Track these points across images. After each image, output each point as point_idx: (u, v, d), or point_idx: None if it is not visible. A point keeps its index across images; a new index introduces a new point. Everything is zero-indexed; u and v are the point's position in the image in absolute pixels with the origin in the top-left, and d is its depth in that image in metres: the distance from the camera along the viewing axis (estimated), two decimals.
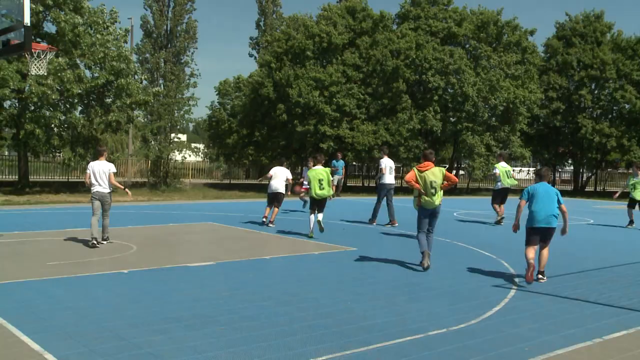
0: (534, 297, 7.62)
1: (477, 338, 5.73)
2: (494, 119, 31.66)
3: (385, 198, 15.66)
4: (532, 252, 8.51)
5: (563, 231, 8.71)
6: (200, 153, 45.99)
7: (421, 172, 9.29)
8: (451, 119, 31.46)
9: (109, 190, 10.98)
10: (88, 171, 10.98)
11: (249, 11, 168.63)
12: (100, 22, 23.79)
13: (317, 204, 12.76)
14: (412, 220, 10.09)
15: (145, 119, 29.16)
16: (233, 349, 5.21)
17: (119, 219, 15.56)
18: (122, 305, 6.63)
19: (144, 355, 5.01)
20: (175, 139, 29.95)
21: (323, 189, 12.48)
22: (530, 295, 7.72)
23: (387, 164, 15.75)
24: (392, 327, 6.02)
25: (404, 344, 5.50)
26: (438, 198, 9.27)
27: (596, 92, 36.79)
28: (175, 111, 29.32)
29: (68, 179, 28.59)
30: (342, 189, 26.99)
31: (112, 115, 23.84)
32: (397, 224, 15.35)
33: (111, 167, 10.94)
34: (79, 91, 22.71)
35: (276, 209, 14.96)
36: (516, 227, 8.92)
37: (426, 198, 9.26)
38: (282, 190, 15.02)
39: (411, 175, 9.41)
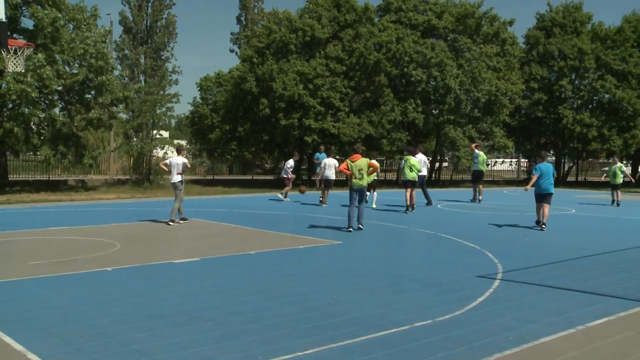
0: (518, 287, 7.69)
1: (462, 328, 5.77)
2: (476, 110, 31.82)
3: (421, 185, 19.11)
4: (540, 209, 13.74)
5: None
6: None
7: (352, 162, 12.92)
8: (433, 111, 31.57)
9: (177, 180, 13.84)
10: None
11: (230, 6, 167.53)
12: (80, 18, 23.49)
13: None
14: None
15: (127, 116, 28.89)
16: (219, 345, 5.20)
17: (103, 216, 15.45)
18: (107, 303, 6.57)
19: (129, 352, 4.98)
20: (157, 136, 29.74)
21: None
22: (515, 285, 7.79)
23: (420, 159, 18.84)
24: (378, 319, 6.04)
25: (389, 335, 5.52)
26: (364, 180, 12.95)
27: (576, 82, 37.10)
28: (157, 108, 29.10)
29: (49, 177, 28.25)
30: None
31: (93, 112, 23.59)
32: (432, 204, 19.26)
33: (185, 161, 14.02)
34: (59, 88, 22.41)
35: (327, 192, 19.06)
36: (527, 189, 14.04)
37: (354, 180, 12.88)
38: (333, 177, 19.27)
39: (344, 165, 13.18)
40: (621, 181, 21.06)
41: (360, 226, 13.05)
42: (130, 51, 41.03)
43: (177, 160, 13.96)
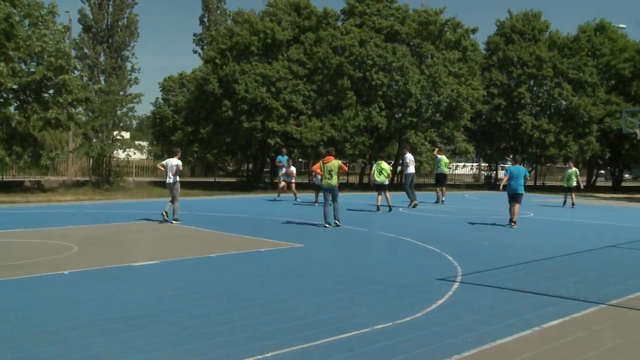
0: (476, 289, 7.81)
1: (422, 331, 5.84)
2: (438, 115, 32.24)
3: (410, 184, 20.33)
4: (512, 208, 15.17)
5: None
6: (144, 150, 45.01)
7: (324, 163, 14.22)
8: (396, 115, 31.85)
9: (171, 181, 14.65)
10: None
11: (193, 7, 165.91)
12: (37, 15, 22.91)
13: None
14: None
15: (87, 116, 28.32)
16: (178, 348, 5.14)
17: (60, 218, 15.11)
18: (63, 307, 6.43)
19: (85, 357, 4.87)
20: (118, 137, 29.25)
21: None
22: (473, 287, 7.92)
23: (410, 158, 20.39)
24: (339, 321, 6.06)
25: (350, 338, 5.55)
26: (333, 180, 14.14)
27: (535, 89, 38.01)
28: (118, 109, 28.63)
29: (3, 178, 27.42)
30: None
31: (52, 112, 23.03)
32: (416, 203, 20.17)
33: (178, 163, 14.71)
34: (14, 86, 21.80)
35: None
36: (503, 189, 15.67)
37: (325, 180, 14.23)
38: None
39: (317, 165, 14.65)
40: (574, 184, 22.88)
41: (337, 222, 14.08)
42: (90, 50, 40.30)
43: (172, 162, 14.78)
